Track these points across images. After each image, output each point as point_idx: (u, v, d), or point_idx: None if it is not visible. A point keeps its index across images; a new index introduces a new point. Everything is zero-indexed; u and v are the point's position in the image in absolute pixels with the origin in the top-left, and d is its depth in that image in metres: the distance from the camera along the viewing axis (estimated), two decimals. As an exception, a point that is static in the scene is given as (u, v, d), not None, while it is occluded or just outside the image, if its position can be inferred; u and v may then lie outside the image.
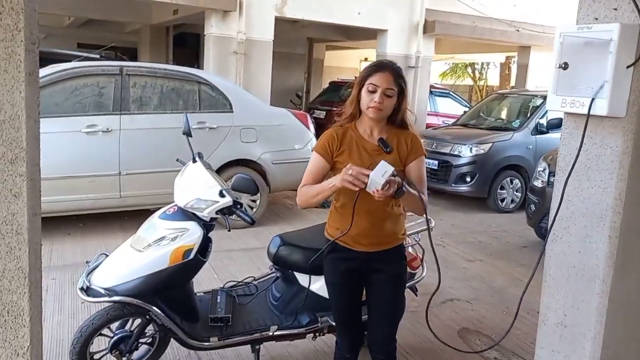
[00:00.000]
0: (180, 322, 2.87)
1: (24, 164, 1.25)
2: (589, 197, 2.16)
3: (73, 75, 5.52)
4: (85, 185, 5.42)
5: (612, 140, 2.06)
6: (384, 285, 2.44)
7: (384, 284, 2.44)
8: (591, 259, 2.15)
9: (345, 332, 2.61)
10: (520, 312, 4.33)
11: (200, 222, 2.86)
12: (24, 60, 1.23)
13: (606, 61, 1.97)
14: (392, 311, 2.49)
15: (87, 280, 2.81)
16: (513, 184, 7.95)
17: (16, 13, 1.21)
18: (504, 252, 5.96)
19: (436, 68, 22.87)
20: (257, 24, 8.49)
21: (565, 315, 2.27)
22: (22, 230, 1.27)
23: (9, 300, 1.29)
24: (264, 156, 6.22)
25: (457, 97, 12.44)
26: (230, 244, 5.42)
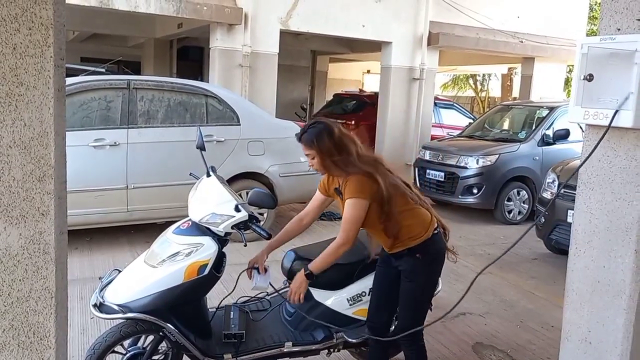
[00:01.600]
0: (194, 338, 2.83)
1: (52, 182, 1.22)
2: (613, 210, 2.12)
3: (81, 90, 5.51)
4: (92, 199, 5.39)
5: (638, 152, 2.03)
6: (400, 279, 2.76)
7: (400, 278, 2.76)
8: (617, 273, 2.11)
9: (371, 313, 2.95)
10: (534, 326, 4.34)
11: (215, 237, 2.82)
12: (53, 75, 1.20)
13: (631, 72, 1.96)
14: (404, 301, 2.75)
15: (100, 297, 2.77)
16: (520, 196, 7.91)
17: (45, 28, 1.18)
18: (513, 264, 5.91)
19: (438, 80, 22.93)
20: (262, 37, 8.51)
21: (589, 331, 2.22)
22: (49, 250, 1.24)
23: (35, 322, 1.26)
24: (271, 169, 6.20)
25: (461, 109, 12.44)
26: (240, 257, 5.37)
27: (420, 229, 2.68)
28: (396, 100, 9.87)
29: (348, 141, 2.65)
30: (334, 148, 2.59)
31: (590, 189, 2.21)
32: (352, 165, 2.59)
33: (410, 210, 2.68)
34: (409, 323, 2.76)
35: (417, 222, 2.68)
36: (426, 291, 2.81)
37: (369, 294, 3.07)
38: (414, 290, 2.75)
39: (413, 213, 2.69)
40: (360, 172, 2.58)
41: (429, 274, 2.78)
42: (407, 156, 9.94)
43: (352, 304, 3.07)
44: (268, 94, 8.67)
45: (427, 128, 10.28)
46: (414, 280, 2.72)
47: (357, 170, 2.58)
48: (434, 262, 2.77)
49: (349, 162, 2.59)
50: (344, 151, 2.60)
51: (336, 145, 2.60)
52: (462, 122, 11.08)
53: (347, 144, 2.63)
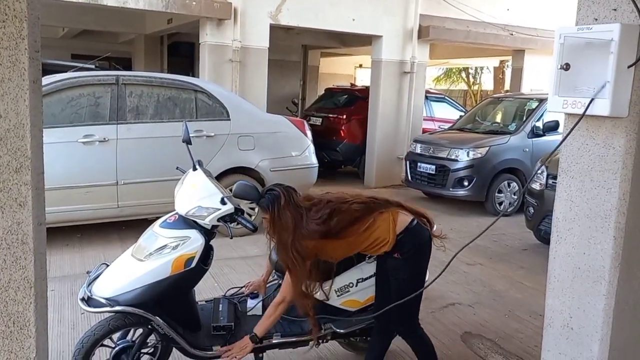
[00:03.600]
0: (183, 331, 2.85)
1: (28, 173, 1.23)
2: (592, 197, 2.15)
3: (69, 86, 5.50)
4: (82, 196, 5.39)
5: (615, 140, 2.06)
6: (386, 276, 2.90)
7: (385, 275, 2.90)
8: (596, 260, 2.14)
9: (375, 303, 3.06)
10: (522, 315, 4.38)
11: (202, 230, 2.84)
12: (28, 68, 1.22)
13: (607, 61, 1.98)
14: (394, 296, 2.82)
15: (88, 291, 2.79)
16: (510, 188, 7.96)
17: (19, 21, 1.20)
18: (503, 255, 5.96)
19: (430, 73, 22.97)
20: (252, 32, 8.49)
21: (571, 317, 2.25)
22: (28, 240, 1.25)
23: (14, 311, 1.28)
24: (261, 163, 6.21)
25: (453, 102, 12.46)
26: (230, 252, 5.40)
27: (384, 235, 2.76)
28: (387, 94, 9.88)
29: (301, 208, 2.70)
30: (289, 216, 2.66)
31: (570, 177, 2.24)
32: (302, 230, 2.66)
33: (367, 229, 2.74)
34: (401, 316, 2.86)
35: (379, 233, 2.76)
36: (413, 283, 2.85)
37: (356, 285, 3.10)
38: (400, 284, 2.83)
39: (373, 229, 2.75)
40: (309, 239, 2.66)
41: (412, 268, 2.84)
42: (398, 149, 9.97)
43: (340, 295, 3.09)
44: (259, 89, 8.66)
45: (418, 121, 10.30)
46: (398, 277, 2.83)
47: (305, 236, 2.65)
48: (415, 256, 2.83)
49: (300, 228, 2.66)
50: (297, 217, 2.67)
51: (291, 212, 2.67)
52: (454, 115, 11.10)
53: (299, 211, 2.68)
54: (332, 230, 2.68)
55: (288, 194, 2.71)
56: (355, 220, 2.74)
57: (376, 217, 2.77)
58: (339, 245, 2.76)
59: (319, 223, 2.66)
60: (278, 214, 2.65)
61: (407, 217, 2.82)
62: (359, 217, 2.75)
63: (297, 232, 2.64)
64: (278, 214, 2.65)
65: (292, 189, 2.79)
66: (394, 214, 2.80)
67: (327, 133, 10.21)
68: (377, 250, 2.81)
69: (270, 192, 2.74)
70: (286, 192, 2.71)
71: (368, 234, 2.75)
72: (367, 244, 2.78)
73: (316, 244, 2.68)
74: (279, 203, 2.66)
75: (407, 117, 10.03)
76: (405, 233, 2.78)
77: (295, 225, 2.65)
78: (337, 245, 2.75)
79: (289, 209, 2.66)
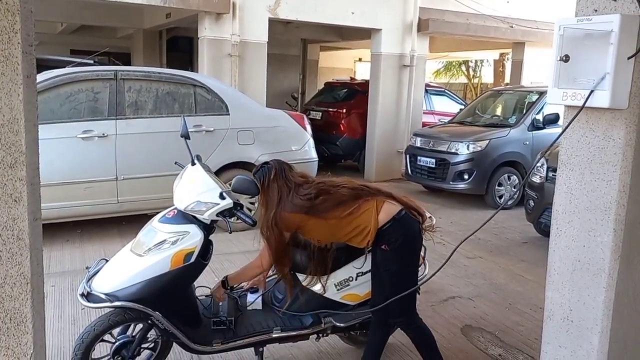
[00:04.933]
0: (183, 326, 2.85)
1: (23, 168, 1.23)
2: (592, 190, 2.15)
3: (68, 81, 5.48)
4: (82, 192, 5.39)
5: (615, 132, 2.05)
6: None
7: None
8: (596, 252, 2.14)
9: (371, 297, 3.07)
10: (522, 308, 4.38)
11: (201, 224, 2.83)
12: (22, 62, 1.20)
13: (607, 53, 1.97)
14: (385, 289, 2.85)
15: (87, 286, 2.78)
16: (511, 181, 7.95)
17: (12, 14, 1.18)
18: (503, 248, 5.96)
19: (430, 66, 22.91)
20: (250, 26, 8.45)
21: (571, 310, 2.25)
22: (24, 236, 1.25)
23: (11, 307, 1.27)
24: (261, 158, 6.18)
25: (453, 95, 12.43)
26: (230, 246, 5.40)
27: (366, 224, 2.76)
28: (387, 88, 9.86)
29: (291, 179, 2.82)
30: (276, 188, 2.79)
31: (570, 169, 2.23)
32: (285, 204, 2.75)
33: (350, 214, 2.77)
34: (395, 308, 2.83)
35: (361, 220, 2.77)
36: (403, 275, 2.84)
37: (356, 279, 3.10)
38: (390, 277, 2.82)
39: (357, 215, 2.77)
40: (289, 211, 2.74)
41: (400, 259, 2.82)
42: (398, 143, 9.95)
43: (339, 289, 3.09)
44: (258, 83, 8.63)
45: (418, 115, 10.28)
46: (387, 270, 2.82)
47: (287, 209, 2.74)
48: (402, 248, 2.80)
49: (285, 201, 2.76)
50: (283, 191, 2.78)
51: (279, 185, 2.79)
52: (454, 108, 11.07)
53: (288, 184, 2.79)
54: (316, 209, 2.74)
55: (280, 168, 2.83)
56: (340, 203, 2.77)
57: (361, 204, 2.78)
58: (319, 225, 2.79)
59: (303, 199, 2.74)
60: (267, 186, 2.79)
61: (395, 207, 2.81)
62: (344, 202, 2.77)
63: (280, 205, 2.74)
64: (267, 186, 2.79)
65: (287, 164, 2.89)
66: (379, 203, 2.80)
67: (326, 127, 10.19)
68: (360, 239, 2.80)
69: (264, 165, 2.87)
70: (279, 166, 2.84)
71: (350, 219, 2.76)
72: (348, 230, 2.79)
73: (299, 218, 2.75)
74: (269, 176, 2.80)
75: (406, 110, 10.01)
76: (392, 223, 2.77)
77: (280, 198, 2.75)
78: (318, 224, 2.78)
79: (278, 182, 2.78)
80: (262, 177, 2.81)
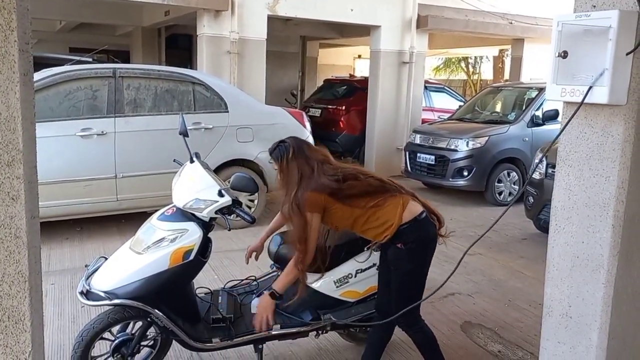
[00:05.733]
0: (182, 323, 2.85)
1: (21, 166, 1.22)
2: (591, 186, 2.14)
3: (66, 79, 5.48)
4: (81, 189, 5.39)
5: (614, 128, 2.04)
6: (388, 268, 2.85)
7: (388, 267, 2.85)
8: (595, 248, 2.14)
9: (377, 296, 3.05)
10: (521, 304, 4.38)
11: (200, 222, 2.83)
12: (18, 60, 1.20)
13: (606, 48, 1.96)
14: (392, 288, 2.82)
15: (86, 284, 2.79)
16: (510, 177, 7.95)
17: (8, 12, 1.18)
18: (503, 245, 5.96)
19: (429, 63, 22.89)
20: (249, 23, 8.44)
21: (570, 306, 2.25)
22: (21, 234, 1.25)
23: (9, 305, 1.27)
24: (260, 155, 6.19)
25: (452, 92, 12.42)
26: (230, 244, 5.40)
27: (391, 217, 2.70)
28: (386, 85, 9.85)
29: (312, 158, 2.73)
30: (296, 167, 2.70)
31: (568, 165, 2.23)
32: (308, 183, 2.67)
33: (375, 206, 2.71)
34: (394, 308, 2.79)
35: (385, 213, 2.71)
36: (414, 277, 2.81)
37: (355, 276, 3.10)
38: (400, 277, 2.78)
39: (381, 208, 2.72)
40: (313, 189, 2.65)
41: (414, 260, 2.77)
42: (397, 140, 9.94)
43: (339, 286, 3.09)
44: (257, 80, 8.63)
45: (417, 112, 10.27)
46: (399, 268, 2.77)
47: (310, 187, 2.65)
48: (418, 249, 2.76)
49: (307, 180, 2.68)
50: (304, 170, 2.69)
51: (298, 164, 2.70)
52: (453, 105, 11.07)
53: (310, 162, 2.71)
54: (342, 193, 2.67)
55: (298, 146, 2.74)
56: (366, 192, 2.71)
57: (387, 197, 2.73)
58: (343, 211, 2.71)
59: (331, 179, 2.66)
60: (286, 165, 2.70)
61: (418, 207, 2.77)
62: (371, 192, 2.72)
63: (302, 184, 2.65)
64: (286, 165, 2.70)
65: (305, 142, 2.81)
66: (405, 200, 2.75)
67: (326, 124, 10.19)
68: (378, 233, 2.73)
69: (281, 143, 2.77)
70: (296, 144, 2.75)
71: (374, 210, 2.71)
72: (370, 221, 2.73)
73: (323, 199, 2.66)
74: (287, 154, 2.70)
75: (406, 107, 10.00)
76: (413, 223, 2.72)
77: (301, 177, 2.67)
78: (341, 210, 2.70)
79: (297, 161, 2.69)
80: (279, 156, 2.72)
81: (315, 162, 2.71)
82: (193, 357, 3.35)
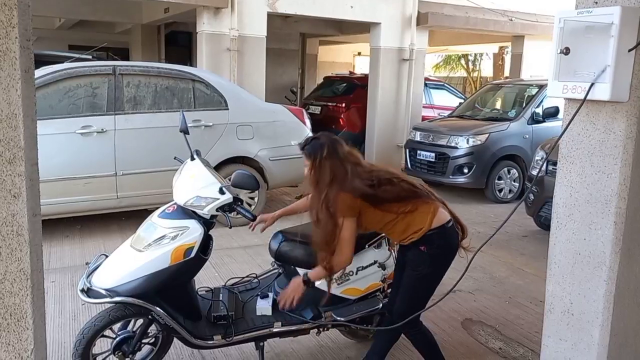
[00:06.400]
0: (183, 321, 2.85)
1: (22, 164, 1.22)
2: (593, 183, 2.14)
3: (66, 77, 5.46)
4: (81, 187, 5.38)
5: (616, 125, 2.04)
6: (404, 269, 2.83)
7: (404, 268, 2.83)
8: (597, 245, 2.14)
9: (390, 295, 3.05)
10: (522, 301, 4.38)
11: (201, 219, 2.82)
12: (20, 57, 1.20)
13: (607, 45, 1.96)
14: (403, 289, 2.82)
15: (87, 282, 2.78)
16: (510, 174, 7.94)
17: (9, 9, 1.17)
18: (504, 242, 5.95)
19: (429, 60, 22.85)
20: (249, 20, 8.43)
21: (571, 303, 2.25)
22: (23, 232, 1.24)
23: (11, 303, 1.27)
24: (261, 153, 6.19)
25: (452, 89, 12.41)
26: (230, 241, 5.40)
27: (420, 222, 2.68)
28: (386, 82, 9.84)
29: (346, 160, 2.67)
30: (329, 167, 2.63)
31: (570, 162, 2.23)
32: (341, 185, 2.60)
33: (407, 212, 2.68)
34: (405, 310, 2.78)
35: (415, 218, 2.69)
36: (428, 282, 2.79)
37: (356, 273, 3.10)
38: (415, 278, 2.76)
39: (412, 213, 2.69)
40: (347, 191, 2.60)
41: (433, 265, 2.75)
42: (398, 137, 9.94)
43: (340, 284, 3.09)
44: (257, 77, 8.62)
45: (417, 109, 10.26)
46: (417, 270, 2.75)
47: (344, 189, 2.60)
48: (440, 256, 2.75)
49: (339, 181, 2.61)
50: (337, 171, 2.62)
51: (332, 164, 2.63)
52: (453, 102, 11.05)
53: (343, 164, 2.64)
54: (376, 198, 2.63)
55: (332, 146, 2.66)
56: (400, 198, 2.68)
57: (419, 203, 2.70)
58: (374, 215, 2.68)
59: (367, 184, 2.62)
60: (319, 164, 2.63)
61: (446, 216, 2.75)
62: (404, 197, 2.69)
63: (334, 186, 2.60)
64: (319, 164, 2.63)
65: (339, 141, 2.73)
66: (435, 207, 2.73)
67: (326, 121, 10.17)
68: (406, 236, 2.72)
69: (315, 140, 2.71)
70: (331, 143, 2.67)
71: (404, 216, 2.68)
72: (400, 225, 2.70)
73: (358, 203, 2.61)
74: (321, 153, 2.63)
75: (406, 104, 9.99)
76: (440, 230, 2.70)
77: (333, 179, 2.61)
78: (373, 213, 2.67)
79: (331, 161, 2.62)
80: (313, 154, 2.65)
81: (349, 164, 2.65)
82: (194, 354, 3.35)
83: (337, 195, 2.58)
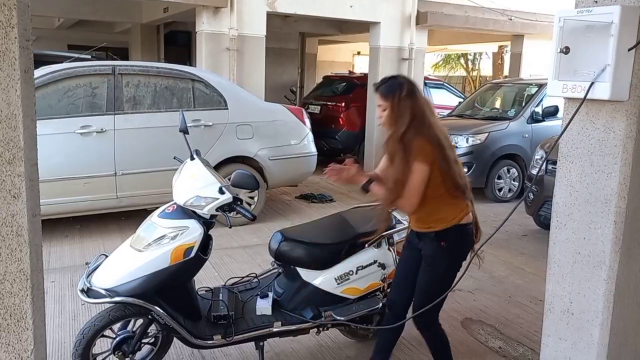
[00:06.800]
0: (183, 321, 2.85)
1: (22, 164, 1.22)
2: (592, 182, 2.14)
3: (65, 77, 5.46)
4: (81, 187, 5.37)
5: (615, 124, 2.04)
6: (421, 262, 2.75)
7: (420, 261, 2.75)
8: (597, 245, 2.14)
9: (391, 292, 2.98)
10: (522, 300, 4.38)
11: (200, 219, 2.83)
12: (19, 57, 1.19)
13: (607, 44, 1.96)
14: (420, 285, 2.76)
15: (87, 282, 2.78)
16: (510, 173, 7.94)
17: (8, 9, 1.17)
18: (503, 241, 5.95)
19: (429, 60, 22.83)
20: (248, 20, 8.42)
21: (571, 302, 2.25)
22: (23, 232, 1.24)
23: (11, 303, 1.27)
24: (260, 152, 6.19)
25: (452, 88, 12.40)
26: (230, 241, 5.40)
27: (450, 214, 2.63)
28: (386, 81, 9.82)
29: (424, 105, 2.60)
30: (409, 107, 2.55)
31: (570, 161, 2.23)
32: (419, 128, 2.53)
33: (447, 196, 2.61)
34: (423, 304, 2.72)
35: (449, 207, 2.63)
36: (444, 279, 2.72)
37: (356, 273, 3.10)
38: (432, 275, 2.71)
39: (450, 198, 2.62)
40: (426, 137, 2.51)
41: (449, 264, 2.70)
42: (397, 137, 9.92)
43: (340, 283, 3.09)
44: (256, 77, 8.60)
45: (417, 108, 10.25)
46: (433, 266, 2.70)
47: (423, 134, 2.52)
48: (457, 255, 2.71)
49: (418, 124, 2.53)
50: (417, 113, 2.55)
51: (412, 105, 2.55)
52: (453, 101, 11.05)
53: (422, 107, 2.57)
54: (447, 159, 2.54)
55: (411, 86, 2.59)
56: (454, 179, 2.59)
57: (461, 194, 2.63)
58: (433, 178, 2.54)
59: (444, 137, 2.56)
60: (398, 103, 2.53)
61: (471, 216, 2.71)
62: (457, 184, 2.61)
63: (412, 127, 2.51)
64: (398, 103, 2.53)
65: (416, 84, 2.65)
66: (469, 206, 2.69)
67: (325, 121, 10.16)
68: (429, 222, 2.64)
69: (392, 79, 2.63)
70: (409, 84, 2.60)
71: (444, 198, 2.60)
72: (432, 207, 2.61)
73: (434, 152, 2.50)
74: (400, 91, 2.55)
75: (406, 104, 9.97)
76: (463, 227, 2.66)
77: (412, 119, 2.52)
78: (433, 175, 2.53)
79: (411, 101, 2.54)
80: (391, 92, 2.55)
81: (428, 109, 2.58)
82: (194, 354, 3.35)
83: (414, 138, 2.50)
